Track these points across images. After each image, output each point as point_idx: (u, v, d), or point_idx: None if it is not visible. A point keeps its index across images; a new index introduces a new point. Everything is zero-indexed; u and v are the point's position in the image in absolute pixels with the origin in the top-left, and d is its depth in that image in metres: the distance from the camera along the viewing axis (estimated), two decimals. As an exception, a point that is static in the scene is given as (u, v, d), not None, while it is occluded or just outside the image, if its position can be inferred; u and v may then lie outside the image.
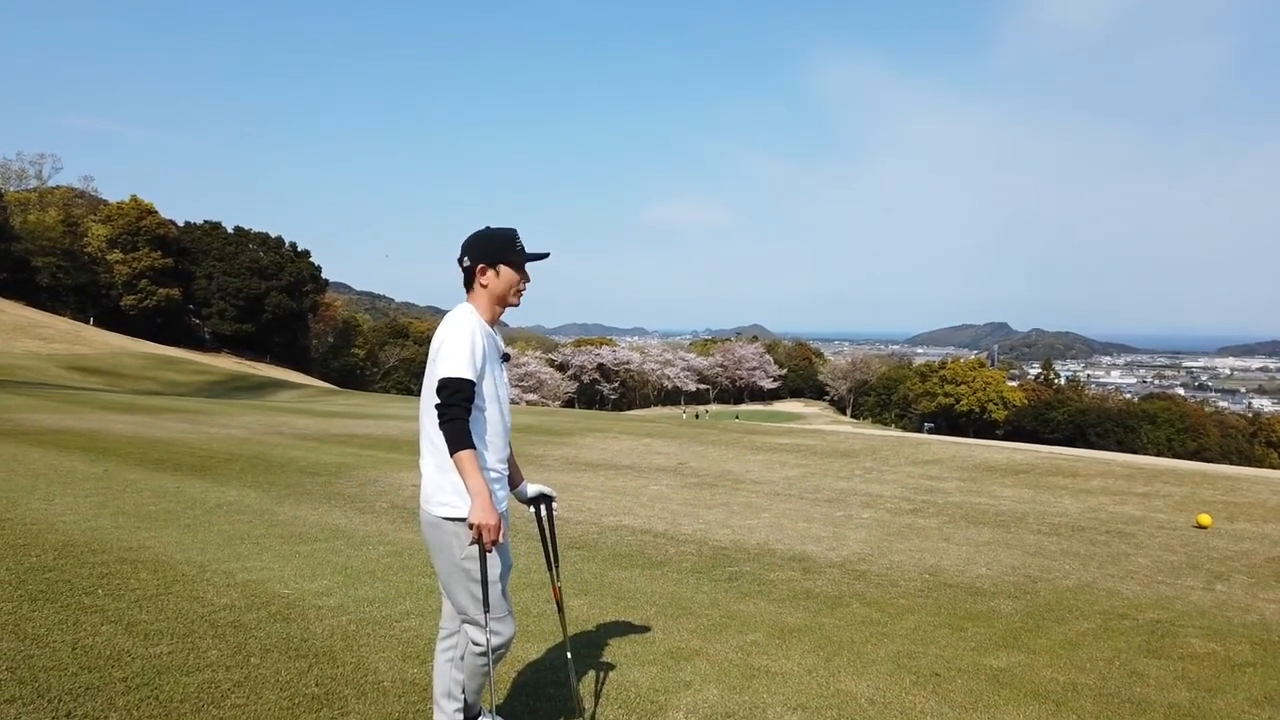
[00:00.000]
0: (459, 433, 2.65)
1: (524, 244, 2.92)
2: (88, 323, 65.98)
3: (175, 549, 5.88)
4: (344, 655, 3.95)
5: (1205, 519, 8.65)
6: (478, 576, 2.74)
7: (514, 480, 3.08)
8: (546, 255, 2.96)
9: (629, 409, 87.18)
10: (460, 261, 2.89)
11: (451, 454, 2.65)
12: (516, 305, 2.93)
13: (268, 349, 77.87)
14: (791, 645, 4.44)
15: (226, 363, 65.31)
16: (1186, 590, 6.02)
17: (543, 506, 3.19)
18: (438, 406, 2.69)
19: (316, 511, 7.71)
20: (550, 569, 3.20)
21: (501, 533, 2.70)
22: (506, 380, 2.97)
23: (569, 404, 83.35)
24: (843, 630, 4.75)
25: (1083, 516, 9.08)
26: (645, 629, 4.59)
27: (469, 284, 2.91)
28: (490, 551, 2.72)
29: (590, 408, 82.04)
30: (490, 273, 2.87)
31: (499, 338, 2.96)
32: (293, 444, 13.87)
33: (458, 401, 2.67)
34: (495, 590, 2.77)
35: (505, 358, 2.94)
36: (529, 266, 2.95)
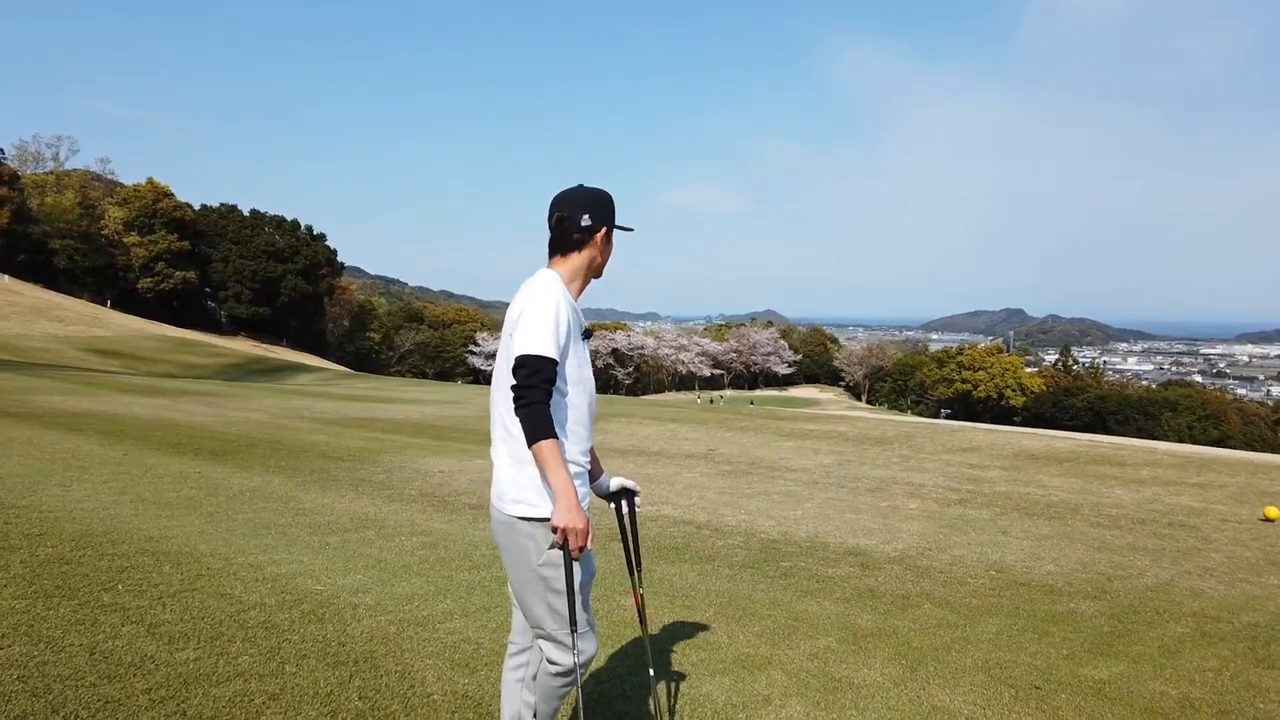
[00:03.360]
0: (539, 419, 2.25)
1: None
2: (105, 305, 66.12)
3: (199, 539, 5.54)
4: (386, 662, 3.60)
5: (1273, 511, 8.19)
6: (558, 587, 2.35)
7: (594, 473, 2.66)
8: (630, 229, 2.61)
9: (643, 394, 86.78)
10: (560, 221, 2.48)
11: (530, 444, 2.26)
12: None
13: (284, 332, 77.89)
14: (869, 652, 4.06)
15: (243, 345, 65.37)
16: (1275, 590, 5.61)
17: (624, 502, 2.79)
18: (514, 388, 2.29)
19: (344, 499, 7.37)
20: (632, 573, 2.80)
21: (589, 537, 2.32)
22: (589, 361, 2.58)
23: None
24: (920, 635, 4.37)
25: (1139, 508, 8.65)
26: (708, 632, 4.23)
27: (564, 247, 2.50)
28: (576, 559, 2.34)
29: (604, 392, 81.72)
30: (608, 237, 2.55)
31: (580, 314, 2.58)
32: (314, 428, 13.58)
33: (537, 383, 2.26)
34: (578, 602, 2.39)
35: (587, 334, 2.53)
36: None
